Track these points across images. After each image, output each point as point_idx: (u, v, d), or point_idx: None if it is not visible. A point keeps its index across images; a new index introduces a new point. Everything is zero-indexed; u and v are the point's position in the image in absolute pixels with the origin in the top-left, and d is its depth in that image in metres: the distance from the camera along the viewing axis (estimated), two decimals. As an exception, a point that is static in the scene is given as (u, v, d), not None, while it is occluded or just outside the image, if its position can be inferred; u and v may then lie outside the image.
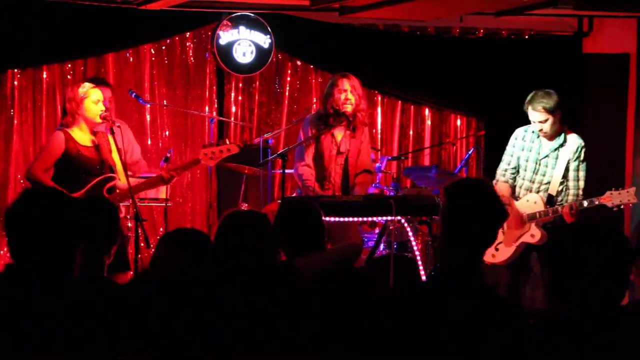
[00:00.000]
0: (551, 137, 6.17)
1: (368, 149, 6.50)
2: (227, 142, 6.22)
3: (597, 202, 6.05)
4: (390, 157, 8.17)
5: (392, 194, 7.14)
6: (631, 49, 8.79)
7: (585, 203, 6.05)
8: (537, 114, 6.07)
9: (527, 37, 8.88)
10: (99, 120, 5.82)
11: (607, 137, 8.79)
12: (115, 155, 5.91)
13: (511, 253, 6.12)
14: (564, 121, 6.19)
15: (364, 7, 7.42)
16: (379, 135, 8.75)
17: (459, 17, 8.58)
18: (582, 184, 6.16)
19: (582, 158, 6.18)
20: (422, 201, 6.01)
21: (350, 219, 5.88)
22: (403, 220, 5.85)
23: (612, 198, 6.04)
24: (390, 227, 6.09)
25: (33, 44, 7.27)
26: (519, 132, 6.34)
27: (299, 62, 8.48)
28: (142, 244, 6.04)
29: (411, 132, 8.90)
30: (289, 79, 8.45)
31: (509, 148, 6.35)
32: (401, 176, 8.23)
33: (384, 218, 5.89)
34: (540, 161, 6.19)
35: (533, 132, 6.23)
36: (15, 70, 7.51)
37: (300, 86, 8.51)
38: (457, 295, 2.77)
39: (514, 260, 6.12)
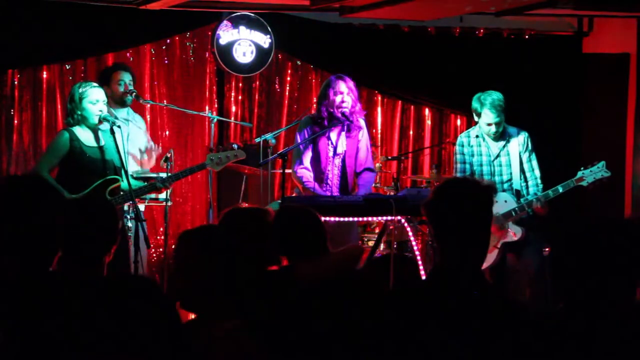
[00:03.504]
0: (499, 136, 6.24)
1: (368, 147, 6.50)
2: (234, 147, 6.22)
3: (572, 185, 6.11)
4: (389, 157, 8.17)
5: (392, 194, 7.13)
6: (631, 49, 8.79)
7: (561, 189, 6.09)
8: (494, 115, 6.15)
9: (527, 37, 8.87)
10: (95, 121, 5.81)
11: (607, 137, 8.79)
12: (121, 155, 5.89)
13: (495, 257, 6.14)
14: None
15: (364, 7, 7.41)
16: (379, 135, 8.75)
17: (459, 17, 8.57)
18: (538, 172, 6.27)
19: (530, 148, 6.28)
20: (422, 201, 6.01)
21: (351, 219, 5.88)
22: (403, 220, 5.85)
23: (584, 177, 6.10)
24: (390, 227, 6.09)
25: (33, 44, 7.26)
26: (463, 139, 6.41)
27: (299, 62, 8.48)
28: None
29: (411, 132, 8.90)
30: (289, 78, 8.44)
31: (459, 156, 6.41)
32: (401, 176, 8.23)
33: (384, 218, 5.89)
34: (493, 162, 6.24)
35: (477, 136, 6.30)
36: (15, 70, 7.50)
37: (300, 86, 8.51)
38: (459, 295, 2.77)
39: (496, 263, 6.16)
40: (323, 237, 3.95)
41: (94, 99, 5.79)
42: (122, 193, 5.86)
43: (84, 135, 5.82)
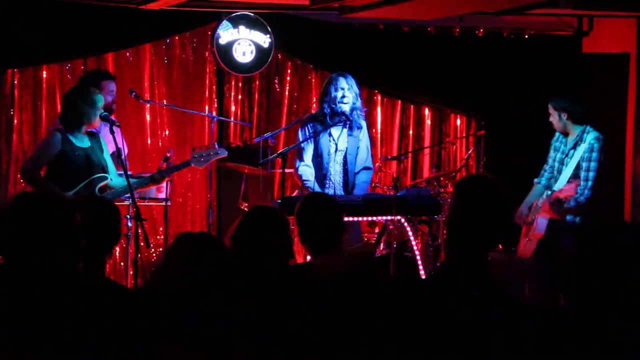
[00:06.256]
0: (564, 134, 6.26)
1: (368, 147, 6.51)
2: (216, 147, 6.28)
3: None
4: (389, 157, 8.17)
5: (392, 193, 7.14)
6: (631, 48, 8.79)
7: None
8: (551, 115, 6.23)
9: (527, 37, 8.87)
10: (97, 125, 5.94)
11: (607, 137, 8.77)
12: (107, 155, 5.99)
13: (530, 248, 6.22)
14: (577, 121, 6.23)
15: (364, 7, 7.41)
16: (379, 135, 8.75)
17: (459, 17, 8.57)
18: (585, 182, 6.15)
19: (589, 154, 6.15)
20: (422, 201, 6.02)
21: (351, 218, 5.88)
22: (403, 220, 5.86)
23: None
24: (390, 227, 6.10)
25: (33, 44, 7.26)
26: (557, 133, 6.42)
27: (298, 62, 8.48)
28: (142, 244, 6.04)
29: (411, 132, 8.90)
30: (288, 78, 8.45)
31: (550, 149, 6.44)
32: (401, 175, 8.23)
33: (384, 218, 5.90)
34: (563, 160, 6.24)
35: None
36: (15, 70, 7.50)
37: (300, 86, 8.51)
38: (464, 293, 2.77)
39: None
40: (343, 230, 3.95)
41: (100, 107, 5.91)
42: (109, 191, 5.92)
43: (76, 136, 5.89)
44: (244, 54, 7.96)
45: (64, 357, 2.91)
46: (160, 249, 7.65)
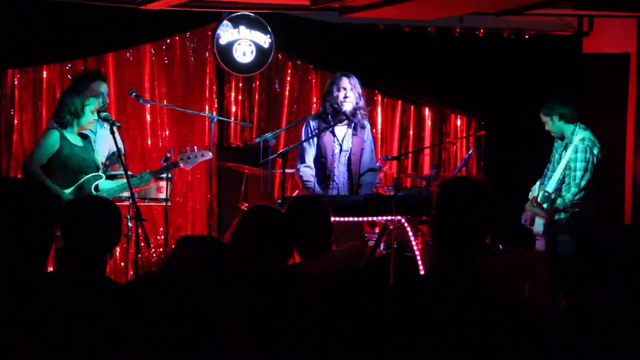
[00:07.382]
0: (560, 137, 6.28)
1: (372, 148, 6.52)
2: (199, 149, 6.41)
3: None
4: (389, 157, 8.16)
5: (392, 194, 7.13)
6: (631, 49, 8.79)
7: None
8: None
9: (527, 37, 8.88)
10: (89, 127, 6.09)
11: (607, 137, 8.77)
12: (97, 156, 6.14)
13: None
14: (570, 120, 6.24)
15: (364, 7, 7.42)
16: (379, 135, 8.75)
17: (459, 17, 8.58)
18: (573, 188, 6.15)
19: (576, 156, 6.18)
20: (422, 201, 6.02)
21: (351, 218, 5.88)
22: (403, 220, 5.85)
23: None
24: (390, 227, 6.10)
25: (33, 44, 7.27)
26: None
27: (299, 62, 8.48)
28: (142, 244, 6.05)
29: (411, 132, 8.90)
30: (289, 78, 8.44)
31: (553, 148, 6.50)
32: (401, 176, 8.23)
33: (384, 218, 5.90)
34: (558, 161, 6.27)
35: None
36: (15, 70, 7.51)
37: (300, 86, 8.51)
38: (451, 294, 2.77)
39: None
40: (331, 232, 3.94)
41: (94, 108, 5.98)
42: (101, 190, 5.99)
43: (71, 135, 5.97)
44: (244, 54, 7.96)
45: (63, 357, 2.91)
46: (160, 249, 7.65)
